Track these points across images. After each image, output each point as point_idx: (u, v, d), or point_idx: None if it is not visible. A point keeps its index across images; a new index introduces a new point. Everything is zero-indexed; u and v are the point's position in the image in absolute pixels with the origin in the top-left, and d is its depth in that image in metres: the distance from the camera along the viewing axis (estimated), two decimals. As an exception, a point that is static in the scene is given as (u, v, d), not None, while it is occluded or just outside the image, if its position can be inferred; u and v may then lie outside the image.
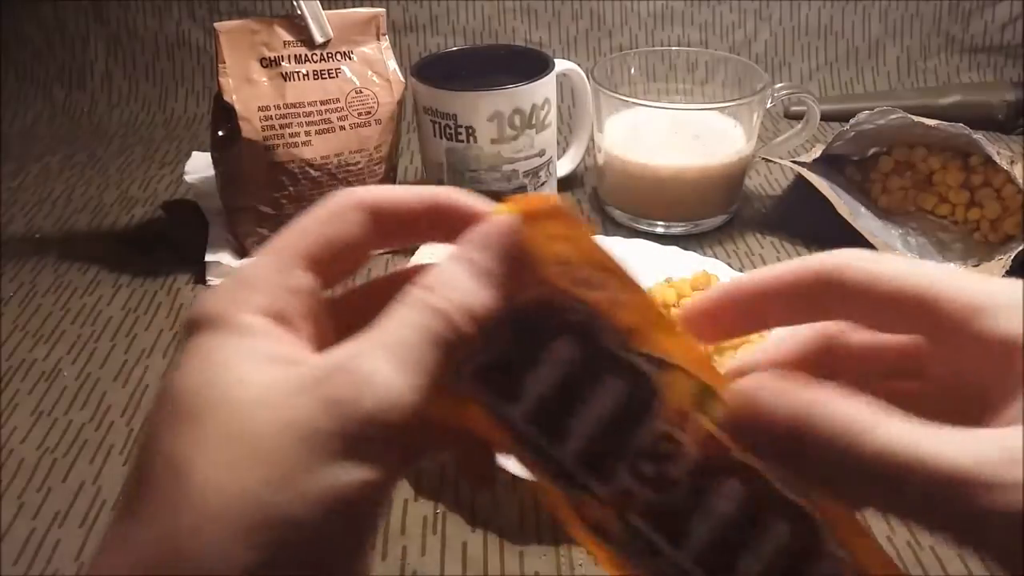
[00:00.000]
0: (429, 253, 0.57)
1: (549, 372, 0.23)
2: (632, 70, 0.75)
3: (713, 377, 0.23)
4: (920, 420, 0.19)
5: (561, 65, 0.68)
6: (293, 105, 0.62)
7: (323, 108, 0.63)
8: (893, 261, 0.22)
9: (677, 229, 0.69)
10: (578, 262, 0.23)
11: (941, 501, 0.18)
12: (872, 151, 0.71)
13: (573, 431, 0.23)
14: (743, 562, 0.22)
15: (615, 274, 0.23)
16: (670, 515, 0.23)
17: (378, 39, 0.66)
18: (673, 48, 0.79)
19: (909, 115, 0.64)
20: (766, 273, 0.24)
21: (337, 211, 0.24)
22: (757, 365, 0.25)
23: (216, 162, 0.64)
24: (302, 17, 0.63)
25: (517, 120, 0.63)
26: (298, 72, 0.63)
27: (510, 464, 0.27)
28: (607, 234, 0.69)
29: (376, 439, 0.20)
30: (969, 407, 0.21)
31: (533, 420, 0.23)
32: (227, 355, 0.21)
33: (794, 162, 0.71)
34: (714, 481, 0.22)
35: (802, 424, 0.20)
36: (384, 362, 0.20)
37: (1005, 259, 0.59)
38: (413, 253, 0.57)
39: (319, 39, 0.63)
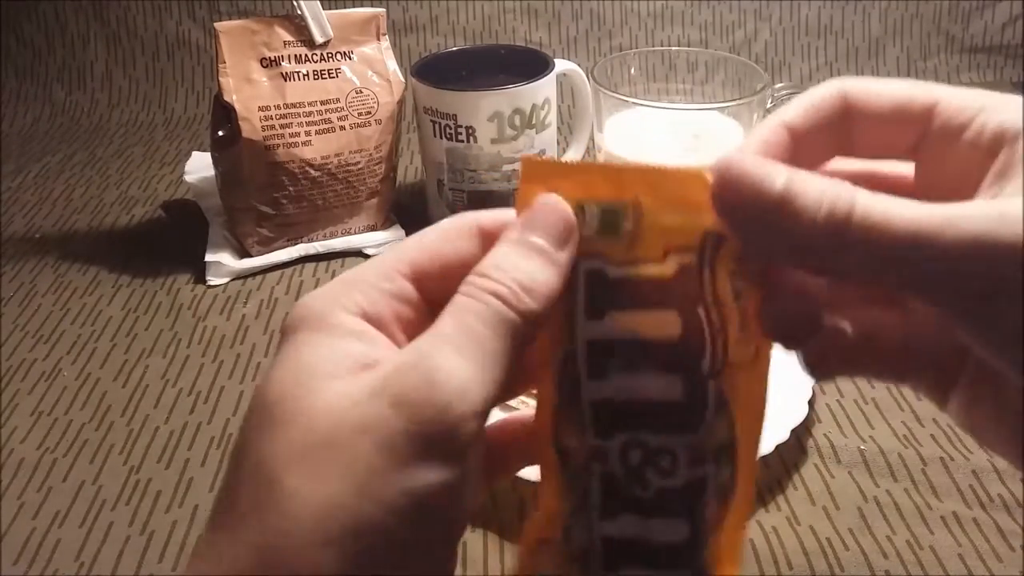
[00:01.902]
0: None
1: (633, 327, 0.22)
2: (632, 70, 0.75)
3: (746, 459, 0.23)
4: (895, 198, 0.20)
5: (561, 65, 0.68)
6: (293, 105, 0.62)
7: (323, 108, 0.63)
8: (893, 80, 0.24)
9: (677, 229, 0.69)
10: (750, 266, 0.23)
11: (906, 254, 0.19)
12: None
13: (612, 382, 0.23)
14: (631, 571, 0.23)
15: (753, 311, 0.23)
16: (618, 499, 0.23)
17: (378, 39, 0.66)
18: (673, 48, 0.79)
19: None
20: (785, 119, 0.24)
21: (453, 230, 0.24)
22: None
23: (216, 162, 0.64)
24: (302, 17, 0.63)
25: (517, 120, 0.63)
26: (298, 72, 0.63)
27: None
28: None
29: (450, 436, 0.20)
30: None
31: (591, 347, 0.23)
32: (316, 358, 0.21)
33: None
34: (668, 513, 0.23)
35: (784, 195, 0.20)
36: (452, 354, 0.20)
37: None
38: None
39: (319, 39, 0.64)
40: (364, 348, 0.21)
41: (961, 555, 0.42)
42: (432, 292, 0.23)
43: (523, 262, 0.22)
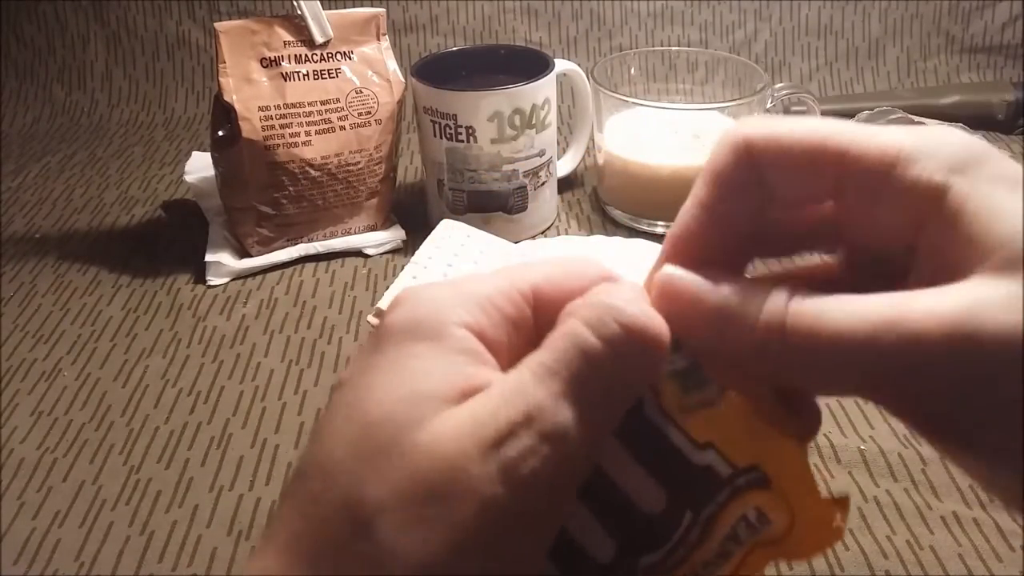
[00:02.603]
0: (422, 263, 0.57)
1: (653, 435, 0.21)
2: (632, 70, 0.75)
3: None
4: (824, 294, 0.19)
5: (561, 65, 0.68)
6: (293, 105, 0.62)
7: (323, 108, 0.63)
8: (798, 119, 0.22)
9: (677, 229, 0.69)
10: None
11: (828, 360, 0.18)
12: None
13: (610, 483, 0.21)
14: None
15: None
16: None
17: (378, 39, 0.66)
18: (673, 48, 0.79)
19: (909, 115, 0.64)
20: (699, 198, 0.23)
21: (582, 270, 0.22)
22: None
23: (216, 162, 0.64)
24: (302, 17, 0.63)
25: (517, 120, 0.63)
26: (298, 72, 0.63)
27: None
28: (607, 234, 0.69)
29: (557, 514, 0.19)
30: (889, 269, 0.21)
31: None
32: (426, 374, 0.20)
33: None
34: None
35: (718, 313, 0.20)
36: (573, 420, 0.19)
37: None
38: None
39: (319, 39, 0.64)
40: (475, 370, 0.20)
41: (961, 555, 0.42)
42: (548, 323, 0.21)
43: (649, 309, 0.21)
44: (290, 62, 0.63)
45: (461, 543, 0.18)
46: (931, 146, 0.19)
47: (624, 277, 0.22)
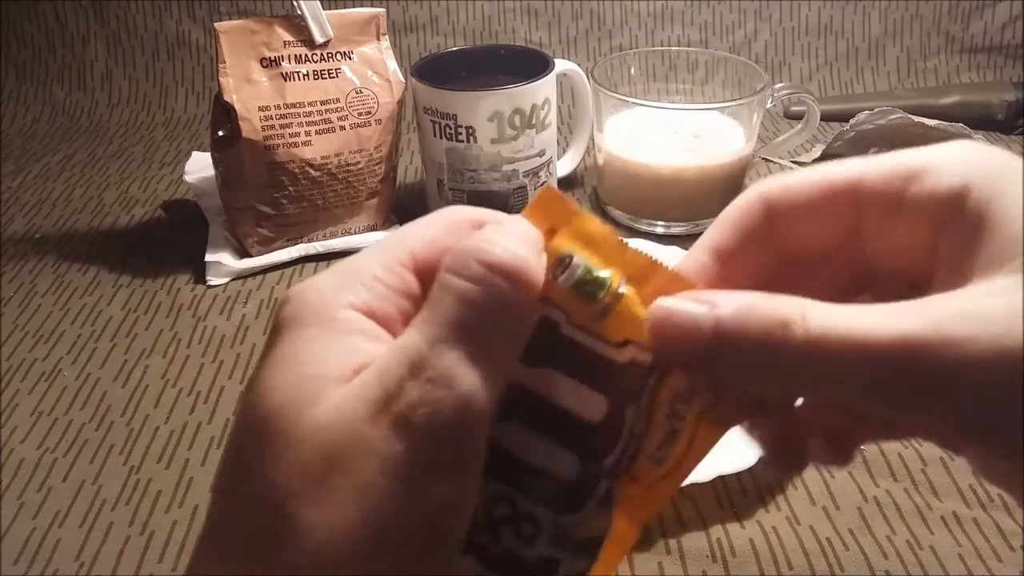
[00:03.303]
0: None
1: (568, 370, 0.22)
2: (632, 70, 0.75)
3: (609, 558, 0.22)
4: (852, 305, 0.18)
5: (561, 65, 0.68)
6: (293, 105, 0.62)
7: (323, 108, 0.63)
8: (808, 168, 0.22)
9: (677, 229, 0.69)
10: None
11: (893, 372, 0.17)
12: (872, 151, 0.71)
13: (514, 432, 0.22)
14: None
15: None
16: (470, 541, 0.22)
17: (378, 39, 0.66)
18: (673, 48, 0.79)
19: (909, 115, 0.64)
20: (709, 242, 0.23)
21: (454, 222, 0.23)
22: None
23: (216, 162, 0.64)
24: (302, 17, 0.63)
25: (517, 120, 0.63)
26: (298, 72, 0.63)
27: None
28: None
29: (458, 454, 0.19)
30: (912, 289, 0.20)
31: (511, 389, 0.22)
32: (315, 356, 0.20)
33: (794, 162, 0.71)
34: None
35: (722, 338, 0.19)
36: (456, 360, 0.19)
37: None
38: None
39: (319, 39, 0.64)
40: (367, 346, 0.20)
41: (961, 555, 0.42)
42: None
43: (525, 247, 0.21)
44: (290, 62, 0.63)
45: (372, 504, 0.18)
46: (944, 157, 0.20)
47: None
